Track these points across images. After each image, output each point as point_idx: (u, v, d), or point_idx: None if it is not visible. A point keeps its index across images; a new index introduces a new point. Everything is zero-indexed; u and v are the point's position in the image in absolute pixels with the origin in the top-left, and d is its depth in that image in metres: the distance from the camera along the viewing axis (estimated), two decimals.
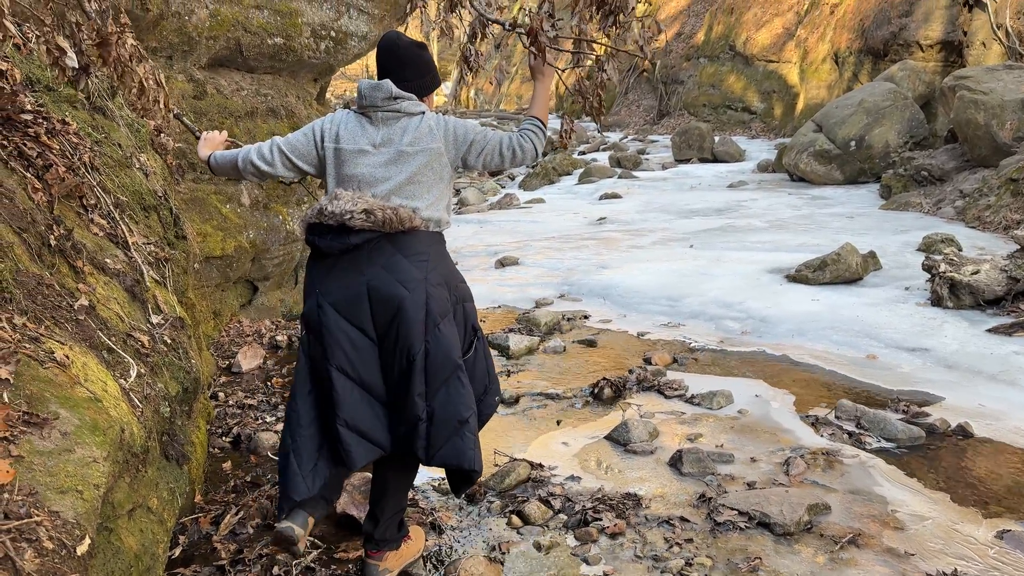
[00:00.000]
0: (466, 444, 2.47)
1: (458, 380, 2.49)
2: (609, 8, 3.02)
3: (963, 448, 3.62)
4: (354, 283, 2.45)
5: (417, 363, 2.44)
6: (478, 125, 2.71)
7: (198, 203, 5.19)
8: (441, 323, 2.48)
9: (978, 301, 5.48)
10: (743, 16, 20.43)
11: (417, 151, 2.53)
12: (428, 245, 2.54)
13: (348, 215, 2.42)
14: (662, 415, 4.08)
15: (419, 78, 2.63)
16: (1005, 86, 9.48)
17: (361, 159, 2.54)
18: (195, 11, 5.27)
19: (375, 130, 2.55)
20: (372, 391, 2.50)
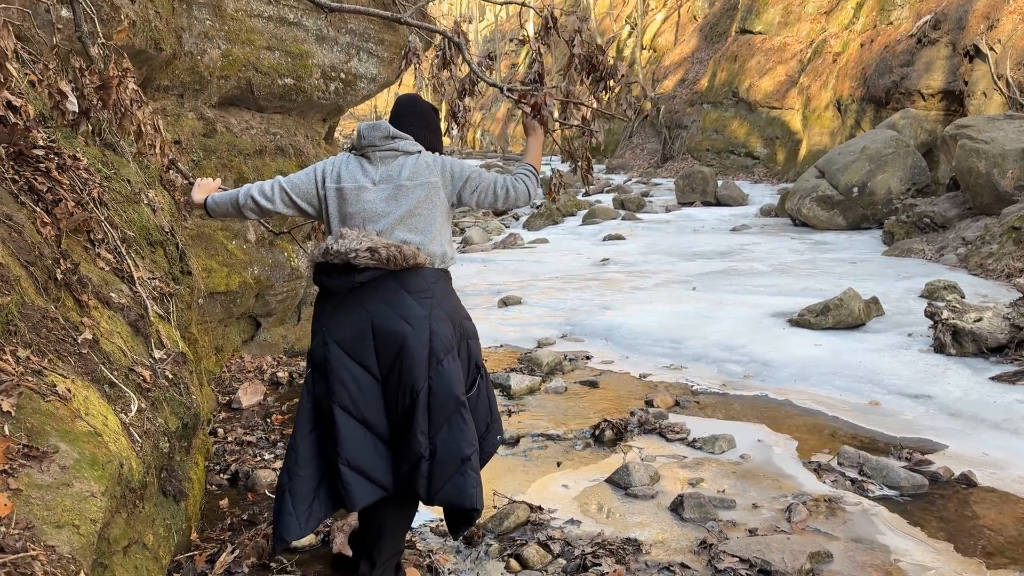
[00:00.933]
0: (468, 482, 2.46)
1: (460, 417, 2.49)
2: (600, 74, 3.12)
3: (967, 497, 3.58)
4: (359, 321, 2.47)
5: (420, 400, 2.45)
6: (474, 164, 2.80)
7: (204, 238, 5.23)
8: (444, 360, 2.49)
9: (981, 349, 5.47)
10: (746, 63, 20.73)
11: (416, 185, 2.59)
12: (432, 282, 2.57)
13: (353, 253, 2.46)
14: (663, 459, 4.06)
15: (423, 129, 2.75)
16: (1006, 135, 9.58)
17: (362, 195, 2.59)
18: (208, 51, 5.37)
19: (374, 168, 2.63)
20: (375, 430, 2.50)
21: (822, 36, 18.70)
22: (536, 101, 2.85)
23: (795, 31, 20.05)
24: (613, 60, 3.32)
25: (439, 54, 3.68)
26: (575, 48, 3.26)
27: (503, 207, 2.80)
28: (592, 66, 3.26)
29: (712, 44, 24.98)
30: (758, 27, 21.15)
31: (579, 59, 3.27)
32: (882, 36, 15.40)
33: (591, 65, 3.28)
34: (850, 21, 17.93)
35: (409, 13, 3.39)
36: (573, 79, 3.34)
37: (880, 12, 16.02)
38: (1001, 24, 12.53)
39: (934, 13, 13.94)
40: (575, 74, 3.33)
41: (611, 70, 3.27)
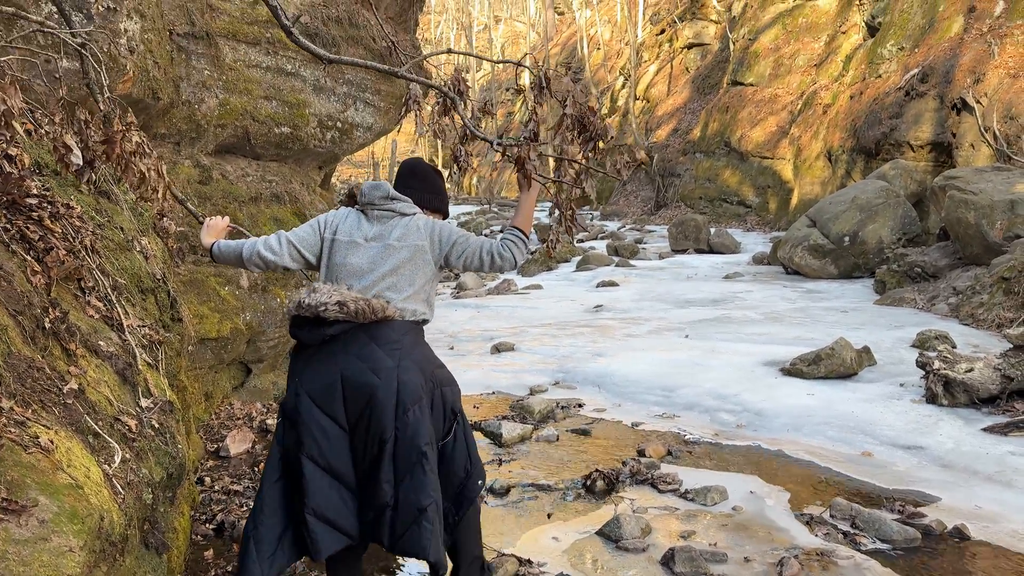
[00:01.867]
0: (423, 534, 2.48)
1: (421, 468, 2.53)
2: (590, 134, 3.18)
3: (960, 551, 3.55)
4: (329, 373, 2.55)
5: (387, 449, 2.51)
6: (463, 230, 2.86)
7: (197, 285, 5.24)
8: (411, 410, 2.54)
9: (973, 399, 5.46)
10: (738, 114, 21.06)
11: (403, 246, 2.71)
12: (402, 334, 2.64)
13: (323, 307, 2.54)
14: (655, 510, 4.02)
15: (423, 190, 2.89)
16: (994, 187, 9.71)
17: (351, 250, 2.72)
18: (205, 100, 5.45)
19: (369, 226, 2.76)
20: (342, 479, 2.55)
21: (812, 88, 19.05)
22: (520, 155, 2.91)
23: (786, 83, 20.42)
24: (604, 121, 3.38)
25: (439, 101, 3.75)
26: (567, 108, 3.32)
27: (489, 271, 2.88)
28: (583, 126, 3.33)
29: (704, 95, 25.41)
30: (749, 79, 21.53)
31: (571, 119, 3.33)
32: (871, 88, 15.69)
33: (582, 125, 3.34)
34: (840, 74, 18.28)
35: (406, 67, 3.45)
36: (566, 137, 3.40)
37: (869, 65, 16.35)
38: (987, 78, 12.79)
39: (921, 67, 14.23)
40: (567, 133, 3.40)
41: (601, 131, 3.33)
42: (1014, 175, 10.09)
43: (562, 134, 3.15)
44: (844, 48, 18.72)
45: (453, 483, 2.71)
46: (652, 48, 30.96)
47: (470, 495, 2.74)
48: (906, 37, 15.50)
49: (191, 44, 5.37)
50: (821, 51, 19.84)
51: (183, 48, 5.29)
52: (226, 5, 5.82)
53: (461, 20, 56.57)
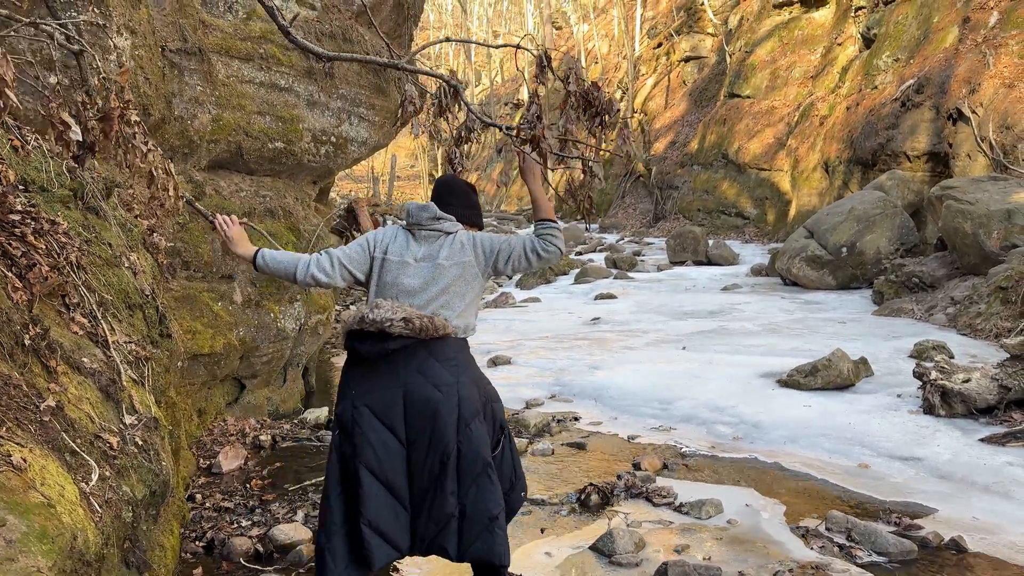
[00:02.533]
0: (496, 540, 2.61)
1: (488, 478, 2.64)
2: (596, 110, 3.15)
3: (957, 563, 3.51)
4: (391, 387, 2.64)
5: (450, 462, 2.61)
6: (502, 236, 2.95)
7: (189, 300, 5.22)
8: (472, 423, 2.66)
9: (970, 409, 5.43)
10: (735, 126, 21.10)
11: (452, 264, 2.81)
12: (458, 351, 2.77)
13: (388, 323, 2.64)
14: (649, 524, 3.98)
15: (461, 207, 2.98)
16: (991, 196, 9.70)
17: (403, 270, 2.82)
18: (198, 116, 5.45)
19: (418, 246, 2.86)
20: (396, 493, 2.63)
21: (809, 100, 19.09)
22: (535, 135, 2.91)
23: (782, 95, 20.46)
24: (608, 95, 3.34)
25: (435, 102, 3.73)
26: (571, 85, 3.30)
27: (538, 267, 2.98)
28: (588, 102, 3.30)
29: (701, 108, 25.47)
30: (746, 91, 21.59)
31: (575, 96, 3.31)
32: (867, 100, 15.72)
33: (587, 101, 3.31)
34: (836, 85, 18.32)
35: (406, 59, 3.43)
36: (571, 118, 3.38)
37: (865, 76, 16.39)
38: (983, 88, 12.82)
39: (917, 78, 14.26)
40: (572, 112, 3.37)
41: (607, 105, 3.31)
42: (1010, 185, 10.09)
43: (567, 114, 3.14)
44: (840, 60, 18.77)
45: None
46: (649, 62, 31.07)
47: (514, 506, 2.87)
48: (901, 48, 15.55)
49: (184, 60, 5.37)
50: (817, 63, 19.90)
51: (175, 64, 5.29)
52: (219, 21, 5.83)
53: (460, 36, 56.85)
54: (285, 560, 3.54)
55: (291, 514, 3.98)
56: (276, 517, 3.95)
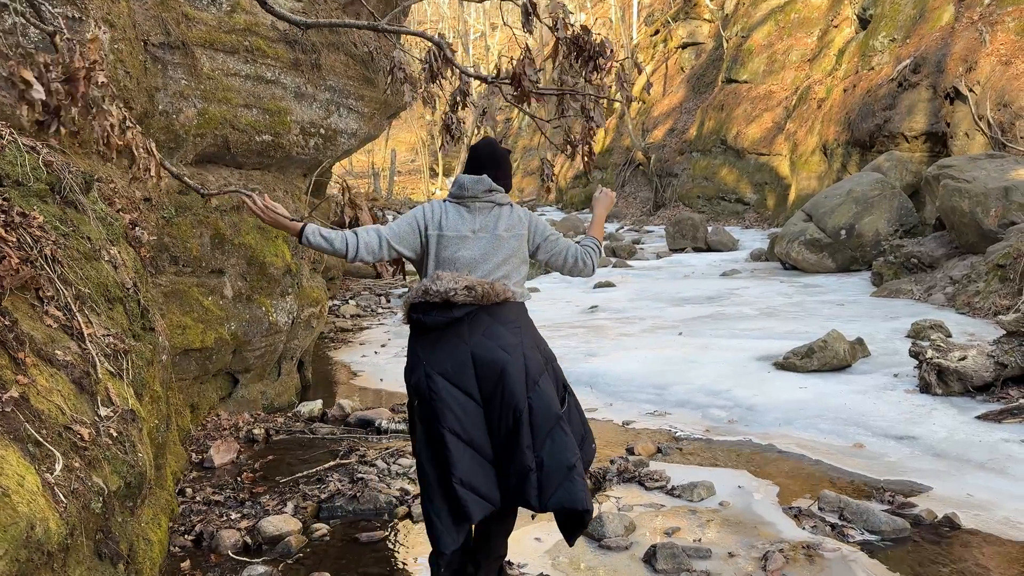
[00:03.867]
0: (576, 487, 2.69)
1: (561, 430, 2.74)
2: (588, 54, 3.09)
3: (950, 540, 3.48)
4: (459, 352, 2.75)
5: (523, 418, 2.70)
6: (553, 228, 3.08)
7: (179, 295, 5.20)
8: (540, 380, 2.77)
9: (967, 387, 5.39)
10: (733, 112, 21.00)
11: (511, 236, 2.92)
12: (518, 314, 2.88)
13: (452, 292, 2.76)
14: (641, 508, 3.96)
15: (507, 177, 3.07)
16: (988, 174, 9.63)
17: (463, 244, 2.90)
18: (183, 110, 5.42)
19: (472, 218, 2.93)
20: (481, 450, 2.76)
21: (806, 83, 18.98)
22: (516, 71, 2.85)
23: (780, 79, 20.36)
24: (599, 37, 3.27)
25: (426, 68, 3.64)
26: (559, 32, 3.22)
27: (569, 273, 3.10)
28: (579, 47, 3.23)
29: (699, 94, 25.35)
30: (744, 76, 21.48)
31: (565, 42, 3.24)
32: (864, 81, 15.62)
33: (578, 47, 3.24)
34: (833, 68, 18.21)
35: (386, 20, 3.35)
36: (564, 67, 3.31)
37: (862, 58, 16.28)
38: (979, 66, 12.72)
39: (913, 57, 14.16)
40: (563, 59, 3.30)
41: (599, 47, 3.23)
42: (1007, 162, 10.02)
43: (560, 63, 3.08)
44: (836, 42, 18.65)
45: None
46: (647, 49, 30.92)
47: (588, 457, 2.93)
48: (897, 28, 15.44)
49: (167, 54, 5.33)
50: (814, 46, 19.78)
51: (158, 58, 5.26)
52: (202, 14, 5.79)
53: (457, 28, 56.66)
54: (273, 552, 3.52)
55: (281, 506, 3.96)
56: (266, 509, 3.93)
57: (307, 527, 3.75)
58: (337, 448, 4.91)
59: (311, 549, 3.56)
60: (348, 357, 8.12)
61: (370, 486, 4.13)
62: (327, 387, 7.09)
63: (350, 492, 4.06)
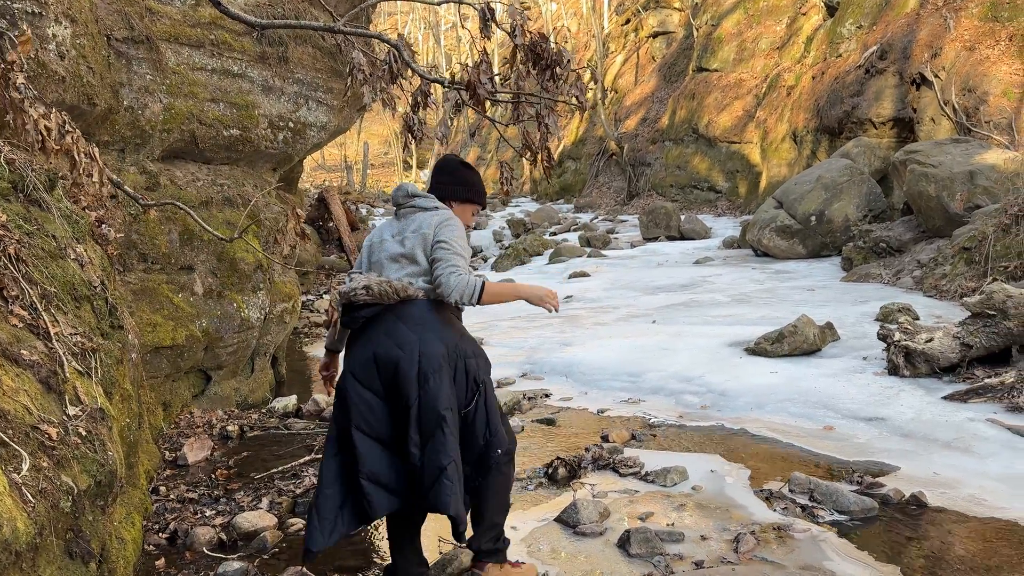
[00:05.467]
0: (443, 491, 2.66)
1: (441, 430, 2.71)
2: (546, 62, 3.09)
3: (916, 518, 3.56)
4: (365, 351, 2.81)
5: (412, 415, 2.72)
6: (456, 244, 2.89)
7: (148, 293, 5.16)
8: (432, 377, 2.74)
9: (934, 368, 5.49)
10: (704, 100, 21.12)
11: (415, 235, 2.94)
12: (426, 311, 2.85)
13: (353, 292, 2.84)
14: (615, 494, 4.00)
15: (450, 184, 3.13)
16: (953, 159, 9.79)
17: (381, 247, 3.00)
18: (149, 105, 5.35)
19: (397, 224, 3.03)
20: (390, 447, 2.79)
21: (776, 71, 19.13)
22: (470, 80, 2.85)
23: (750, 67, 20.50)
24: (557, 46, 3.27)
25: (385, 68, 3.63)
26: (517, 39, 3.22)
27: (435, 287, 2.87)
28: (537, 55, 3.23)
29: (671, 83, 25.46)
30: (714, 65, 21.60)
31: (523, 49, 3.24)
32: (832, 68, 15.78)
33: (536, 54, 3.24)
34: (801, 55, 18.37)
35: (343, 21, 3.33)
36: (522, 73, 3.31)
37: (829, 45, 16.44)
38: (944, 52, 12.90)
39: (880, 44, 14.32)
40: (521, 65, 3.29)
41: (556, 56, 3.24)
42: (972, 146, 10.19)
43: (518, 70, 3.08)
44: (805, 29, 18.81)
45: (473, 450, 2.86)
46: (618, 39, 30.99)
47: (489, 464, 2.88)
48: (864, 15, 15.60)
49: (131, 49, 5.27)
50: (783, 33, 19.94)
51: (122, 53, 5.19)
52: (167, 8, 5.72)
53: (428, 19, 56.35)
54: (249, 547, 3.52)
55: (256, 502, 3.95)
56: (241, 505, 3.92)
57: (283, 522, 3.75)
58: (312, 443, 4.90)
59: (287, 544, 3.56)
60: (322, 352, 8.08)
61: None
62: (302, 383, 7.07)
63: None
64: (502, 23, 3.10)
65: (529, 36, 2.97)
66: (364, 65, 3.25)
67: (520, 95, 3.02)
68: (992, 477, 3.93)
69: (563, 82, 3.09)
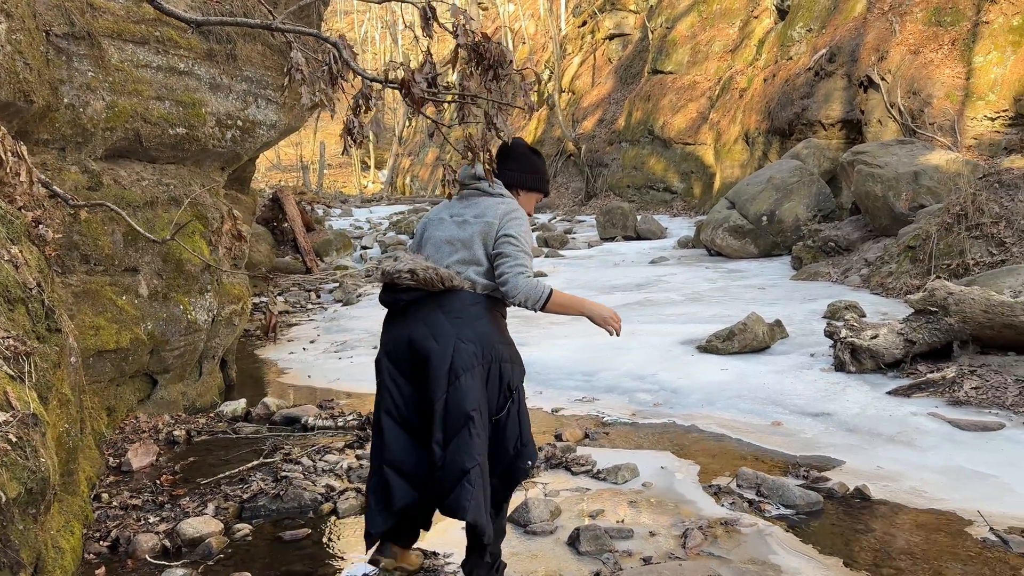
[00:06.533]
0: (463, 494, 2.58)
1: (468, 430, 2.63)
2: (488, 62, 3.05)
3: (860, 511, 3.63)
4: (401, 335, 2.75)
5: (437, 411, 2.65)
6: (524, 242, 2.79)
7: (91, 295, 5.02)
8: (462, 376, 2.65)
9: (879, 364, 5.62)
10: (660, 102, 21.33)
11: (477, 221, 2.82)
12: (469, 304, 2.75)
13: (397, 274, 2.75)
14: (567, 492, 4.00)
15: (518, 170, 2.98)
16: (899, 160, 10.02)
17: (439, 226, 2.91)
18: (91, 103, 5.22)
19: (457, 204, 2.93)
20: (416, 435, 2.73)
21: (728, 73, 19.41)
22: (404, 78, 2.80)
23: (703, 69, 20.76)
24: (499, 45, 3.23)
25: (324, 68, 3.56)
26: (459, 39, 3.18)
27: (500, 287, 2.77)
28: (480, 55, 3.19)
29: (627, 85, 25.66)
30: (669, 67, 21.83)
31: (466, 49, 3.19)
32: (783, 71, 16.05)
33: (478, 54, 3.20)
34: (754, 58, 18.66)
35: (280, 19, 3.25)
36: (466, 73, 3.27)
37: (780, 48, 16.73)
38: (890, 56, 13.21)
39: (829, 47, 14.62)
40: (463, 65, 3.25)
41: (499, 56, 3.20)
42: (917, 148, 10.45)
43: (460, 69, 3.04)
44: (757, 32, 19.12)
45: (503, 460, 2.78)
46: (575, 40, 31.15)
47: (518, 475, 2.82)
48: (814, 19, 15.90)
49: (72, 45, 5.13)
50: (735, 36, 20.23)
51: (62, 49, 5.05)
52: (110, 4, 5.57)
53: (385, 18, 55.98)
54: (194, 554, 3.44)
55: (202, 507, 3.88)
56: (186, 511, 3.84)
57: (229, 528, 3.68)
58: (261, 447, 4.83)
59: (233, 550, 3.50)
60: (275, 355, 7.97)
61: (295, 484, 4.07)
62: (253, 386, 6.96)
63: (274, 491, 4.00)
64: (446, 22, 3.07)
65: (472, 36, 2.93)
66: (302, 65, 3.18)
67: (465, 95, 2.99)
68: (933, 470, 4.03)
69: (506, 83, 3.07)
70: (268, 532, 3.68)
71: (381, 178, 46.28)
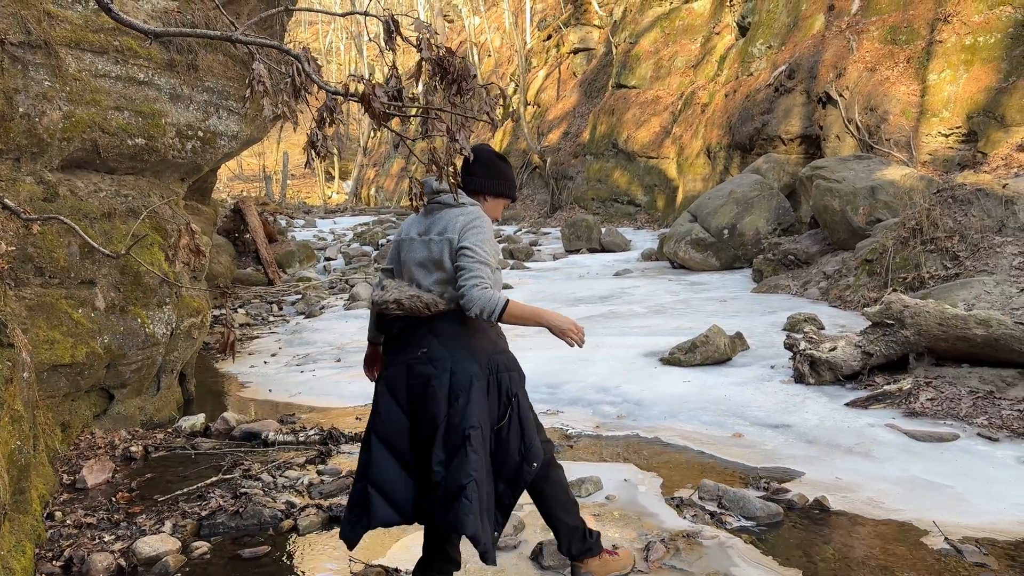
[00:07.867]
0: (462, 510, 2.62)
1: (465, 449, 2.68)
2: (452, 77, 3.04)
3: (819, 523, 3.68)
4: (398, 363, 2.81)
5: (439, 433, 2.70)
6: (482, 252, 2.73)
7: (46, 308, 4.91)
8: (461, 396, 2.70)
9: (837, 376, 5.71)
10: (623, 116, 21.53)
11: (441, 240, 2.81)
12: (458, 325, 2.78)
13: (385, 305, 2.81)
14: (530, 506, 3.97)
15: (483, 176, 2.98)
16: (856, 175, 10.23)
17: (410, 247, 2.91)
18: (47, 113, 5.12)
19: (424, 219, 2.92)
20: (401, 459, 2.79)
21: (691, 88, 19.67)
22: (365, 92, 2.78)
23: (666, 84, 21.01)
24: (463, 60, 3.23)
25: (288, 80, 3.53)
26: (423, 52, 3.17)
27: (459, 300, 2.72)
28: (443, 69, 3.18)
29: (592, 98, 25.88)
30: (632, 81, 22.06)
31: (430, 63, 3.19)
32: (744, 86, 16.31)
33: (442, 69, 3.19)
34: (715, 73, 18.94)
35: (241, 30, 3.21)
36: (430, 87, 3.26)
37: (741, 64, 17.00)
38: (848, 73, 13.50)
39: (788, 64, 14.90)
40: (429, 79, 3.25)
41: (463, 71, 3.19)
42: (874, 163, 10.67)
43: (425, 84, 3.03)
44: (718, 48, 19.41)
45: (509, 465, 2.81)
46: (540, 54, 31.34)
47: (524, 477, 2.82)
48: (774, 36, 16.21)
49: (27, 54, 5.03)
50: (698, 52, 20.52)
51: (18, 58, 4.95)
52: (67, 13, 5.49)
53: (350, 29, 55.79)
54: (150, 573, 3.37)
55: (158, 525, 3.80)
56: (142, 529, 3.76)
57: (186, 546, 3.61)
58: (221, 463, 4.75)
59: (190, 569, 3.43)
60: (236, 368, 7.86)
61: (254, 500, 4.01)
62: (213, 400, 6.85)
63: (233, 508, 3.93)
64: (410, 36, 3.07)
65: (436, 50, 2.93)
66: (264, 77, 3.14)
67: (429, 110, 2.98)
68: (890, 480, 4.10)
69: (470, 97, 3.06)
70: (227, 550, 3.62)
71: (345, 189, 46.00)
